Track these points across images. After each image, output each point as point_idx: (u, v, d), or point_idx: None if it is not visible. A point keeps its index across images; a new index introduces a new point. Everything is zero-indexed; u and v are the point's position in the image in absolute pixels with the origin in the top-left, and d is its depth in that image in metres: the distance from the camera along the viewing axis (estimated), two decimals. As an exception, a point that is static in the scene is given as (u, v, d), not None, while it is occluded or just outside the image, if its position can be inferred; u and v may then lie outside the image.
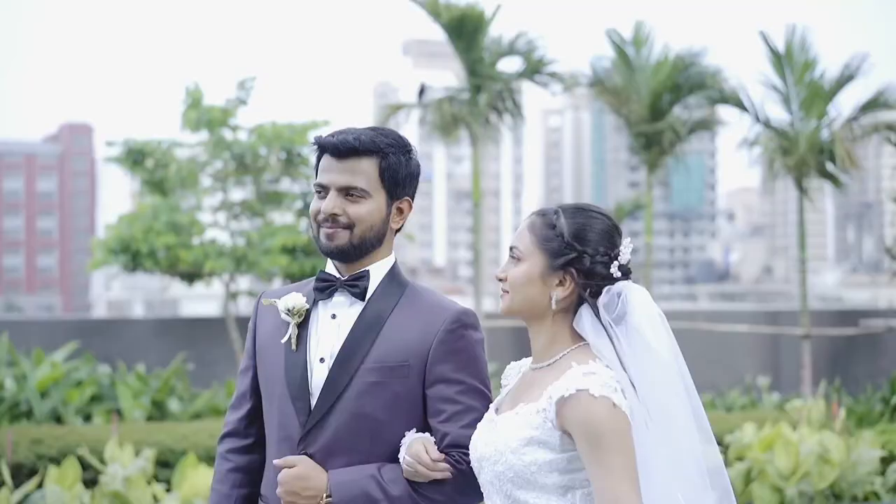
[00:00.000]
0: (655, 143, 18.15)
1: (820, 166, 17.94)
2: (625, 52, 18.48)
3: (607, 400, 2.83)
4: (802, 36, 18.18)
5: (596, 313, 2.96)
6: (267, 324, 3.40)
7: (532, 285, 3.01)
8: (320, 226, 3.27)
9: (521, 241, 3.06)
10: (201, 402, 15.04)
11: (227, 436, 3.48)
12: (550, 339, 3.03)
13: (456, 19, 17.41)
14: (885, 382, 17.81)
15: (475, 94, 17.91)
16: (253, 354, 3.44)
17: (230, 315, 16.87)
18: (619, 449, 2.81)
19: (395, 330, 3.22)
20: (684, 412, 2.94)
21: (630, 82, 18.23)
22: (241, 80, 16.67)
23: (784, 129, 18.21)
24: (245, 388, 3.44)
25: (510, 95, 18.17)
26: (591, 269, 2.96)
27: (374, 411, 3.18)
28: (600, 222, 3.01)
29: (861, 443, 12.52)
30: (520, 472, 2.92)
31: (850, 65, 18.35)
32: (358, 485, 3.13)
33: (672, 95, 18.28)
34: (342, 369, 3.20)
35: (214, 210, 16.98)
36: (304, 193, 17.09)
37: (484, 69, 17.79)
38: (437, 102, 18.05)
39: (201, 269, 16.37)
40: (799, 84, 18.05)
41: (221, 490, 3.41)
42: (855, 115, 18.03)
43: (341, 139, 3.23)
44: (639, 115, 17.98)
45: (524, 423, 2.94)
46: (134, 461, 10.66)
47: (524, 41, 17.94)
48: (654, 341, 2.93)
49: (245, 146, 16.22)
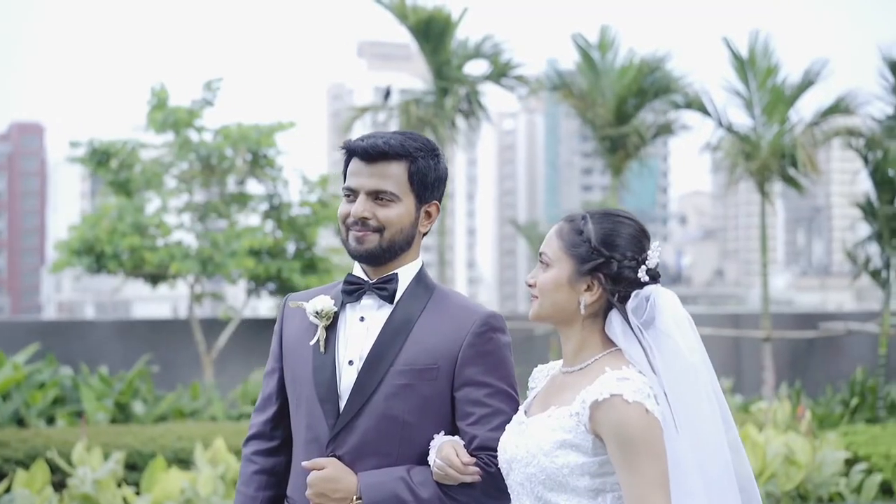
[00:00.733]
0: (620, 147, 18.24)
1: (782, 170, 18.10)
2: (590, 57, 18.56)
3: (640, 406, 2.86)
4: (765, 42, 18.34)
5: (625, 318, 2.99)
6: (294, 326, 3.41)
7: (560, 291, 3.04)
8: (349, 229, 3.29)
9: (549, 247, 3.09)
10: (166, 405, 14.95)
11: (252, 438, 3.49)
12: (581, 344, 3.06)
13: (423, 22, 17.42)
14: (844, 384, 18.02)
15: (441, 96, 17.93)
16: (280, 357, 3.45)
17: (195, 317, 16.77)
18: (650, 455, 2.83)
19: (424, 333, 3.24)
20: (713, 417, 2.96)
21: (596, 86, 18.31)
22: (207, 81, 16.57)
23: (747, 133, 18.36)
24: (271, 390, 3.45)
25: (476, 98, 18.21)
26: (619, 273, 2.99)
27: (403, 414, 3.19)
28: (628, 227, 3.04)
29: (826, 444, 12.66)
30: (551, 475, 2.94)
31: (810, 70, 18.53)
32: (388, 487, 3.14)
33: (637, 100, 18.37)
34: (371, 372, 3.21)
35: (179, 211, 16.87)
36: (270, 195, 17.02)
37: (451, 72, 17.81)
38: (403, 105, 18.04)
39: (166, 271, 16.26)
40: (761, 89, 18.20)
41: (247, 492, 3.42)
42: (816, 121, 18.21)
43: (371, 143, 3.24)
44: (604, 119, 18.06)
45: (557, 426, 2.96)
46: (103, 464, 10.60)
47: (490, 44, 17.99)
48: (683, 345, 2.96)
49: (211, 147, 16.13)
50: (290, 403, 3.38)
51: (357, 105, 19.64)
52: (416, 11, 17.49)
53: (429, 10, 17.58)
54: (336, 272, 17.28)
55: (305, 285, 16.62)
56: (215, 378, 16.87)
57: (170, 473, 10.32)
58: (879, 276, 17.81)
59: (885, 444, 12.86)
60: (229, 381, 17.09)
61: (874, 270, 17.86)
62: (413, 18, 17.41)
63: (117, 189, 16.42)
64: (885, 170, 17.49)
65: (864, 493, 12.23)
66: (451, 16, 17.64)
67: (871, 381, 17.13)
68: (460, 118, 18.26)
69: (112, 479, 10.33)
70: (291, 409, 3.37)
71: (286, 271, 16.48)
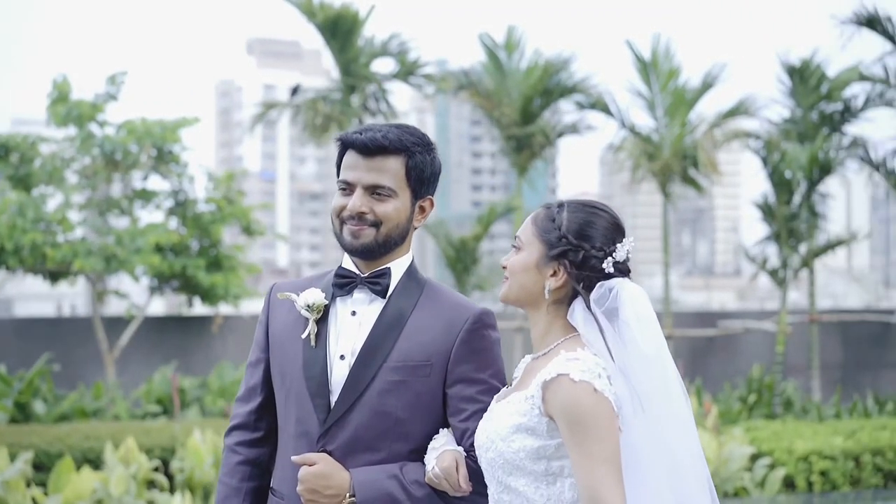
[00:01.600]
0: (526, 147, 18.37)
1: (683, 171, 18.41)
2: (497, 57, 18.66)
3: (588, 385, 2.85)
4: (667, 45, 18.65)
5: (588, 306, 3.00)
6: (281, 317, 3.36)
7: (527, 273, 3.07)
8: (344, 223, 3.25)
9: (523, 230, 3.13)
10: (68, 404, 14.66)
11: (235, 428, 3.42)
12: (546, 329, 3.08)
13: (331, 19, 17.31)
14: (741, 381, 18.40)
15: (348, 94, 17.85)
16: (265, 347, 3.39)
17: (97, 315, 16.47)
18: (598, 433, 2.83)
19: (417, 329, 3.22)
20: (667, 410, 2.96)
21: (502, 86, 18.41)
22: (110, 75, 16.25)
23: (649, 134, 18.63)
24: (256, 381, 3.40)
25: (384, 96, 18.17)
26: (584, 262, 3.01)
27: (396, 410, 3.17)
28: (602, 219, 3.06)
29: (731, 440, 12.92)
30: (509, 459, 2.95)
31: (710, 73, 18.89)
32: (381, 485, 3.12)
33: (542, 100, 18.52)
34: (364, 367, 3.18)
35: (81, 207, 16.52)
36: (175, 192, 16.78)
37: (358, 69, 17.74)
38: (309, 102, 17.92)
39: (69, 267, 15.93)
40: (663, 91, 18.50)
41: (231, 483, 3.36)
42: (717, 123, 18.56)
43: (370, 137, 3.21)
44: (510, 119, 18.17)
45: (513, 411, 2.97)
46: (11, 465, 10.36)
47: (397, 42, 17.95)
48: (641, 339, 2.96)
49: (116, 142, 15.82)
50: (278, 396, 3.33)
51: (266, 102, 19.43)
52: (324, 9, 17.37)
53: (336, 7, 17.48)
54: (241, 270, 17.12)
55: (210, 283, 16.42)
56: (118, 377, 16.59)
57: (81, 473, 10.13)
58: (777, 276, 18.23)
59: (787, 440, 13.17)
60: (132, 379, 16.82)
61: (772, 270, 18.28)
62: (321, 16, 17.30)
63: (16, 184, 16.02)
64: (783, 171, 17.90)
65: (768, 487, 12.50)
66: (359, 14, 17.57)
67: (768, 378, 17.52)
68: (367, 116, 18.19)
69: (21, 480, 10.10)
70: (279, 401, 3.32)
71: (191, 269, 16.27)
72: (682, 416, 3.00)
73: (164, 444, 11.42)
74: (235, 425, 3.42)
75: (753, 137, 18.54)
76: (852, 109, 19.06)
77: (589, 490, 2.81)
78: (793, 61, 18.86)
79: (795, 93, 18.89)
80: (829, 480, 12.83)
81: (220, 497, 3.37)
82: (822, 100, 18.93)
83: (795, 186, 18.02)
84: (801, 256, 18.50)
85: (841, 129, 19.11)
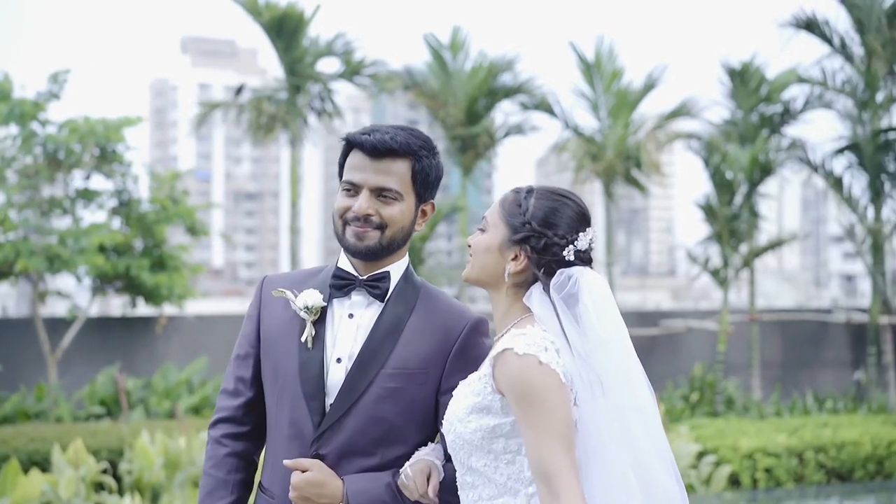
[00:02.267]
0: (471, 147, 18.42)
1: (626, 172, 18.56)
2: (442, 57, 18.68)
3: (532, 357, 2.85)
4: (610, 47, 18.79)
5: (546, 291, 2.99)
6: (275, 314, 3.31)
7: (489, 254, 3.06)
8: (348, 224, 3.21)
9: (491, 212, 3.12)
10: (10, 406, 14.48)
11: (222, 421, 3.36)
12: (505, 312, 3.07)
13: (277, 19, 17.22)
14: (684, 380, 18.59)
15: (294, 93, 17.78)
16: (256, 343, 3.34)
17: (38, 315, 16.26)
18: (545, 406, 2.81)
19: (415, 335, 3.21)
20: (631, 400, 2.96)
21: (447, 86, 18.44)
22: (53, 73, 16.04)
23: (592, 135, 18.76)
24: (247, 376, 3.34)
25: (329, 96, 18.12)
26: (546, 249, 3.00)
27: (391, 416, 3.16)
28: (568, 208, 3.05)
29: (677, 437, 13.05)
30: (468, 440, 2.95)
31: (652, 75, 19.08)
32: (375, 493, 3.11)
33: (488, 100, 18.58)
34: (362, 372, 3.16)
35: (21, 207, 16.28)
36: (118, 191, 16.61)
37: (304, 69, 17.67)
38: (254, 101, 17.82)
39: (12, 267, 15.70)
40: (607, 92, 18.64)
41: (218, 475, 3.31)
42: (660, 124, 18.74)
43: (379, 139, 3.17)
44: (455, 119, 18.20)
45: (469, 391, 2.97)
46: (-44, 467, 10.22)
47: (342, 42, 17.90)
48: (599, 324, 2.95)
49: (59, 141, 15.62)
50: (269, 394, 3.29)
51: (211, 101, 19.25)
52: (270, 8, 17.28)
53: (282, 7, 17.40)
54: (185, 270, 16.98)
55: (154, 283, 16.28)
56: (60, 378, 16.39)
57: (29, 476, 10.00)
58: (718, 275, 18.43)
59: (731, 437, 13.33)
60: (75, 381, 16.63)
61: (714, 270, 18.48)
62: (267, 15, 17.20)
63: (-45, 183, 15.78)
64: (724, 172, 18.11)
65: (714, 484, 12.65)
66: (305, 13, 17.49)
67: (710, 376, 17.72)
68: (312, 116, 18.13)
69: (-32, 483, 9.96)
70: (270, 400, 3.28)
71: (134, 269, 16.11)
72: (644, 404, 2.99)
73: (111, 446, 11.30)
74: (222, 418, 3.36)
75: (695, 139, 18.74)
76: (791, 111, 19.35)
77: (537, 463, 2.80)
78: (733, 64, 19.10)
79: (736, 95, 19.14)
80: (774, 477, 13.01)
81: (208, 489, 3.31)
82: (761, 102, 19.20)
83: (736, 187, 18.24)
84: (741, 256, 18.73)
85: (780, 130, 19.39)
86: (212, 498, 3.30)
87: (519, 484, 2.95)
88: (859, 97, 18.83)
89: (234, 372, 3.37)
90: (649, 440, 2.97)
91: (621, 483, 2.91)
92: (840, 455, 13.47)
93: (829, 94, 19.14)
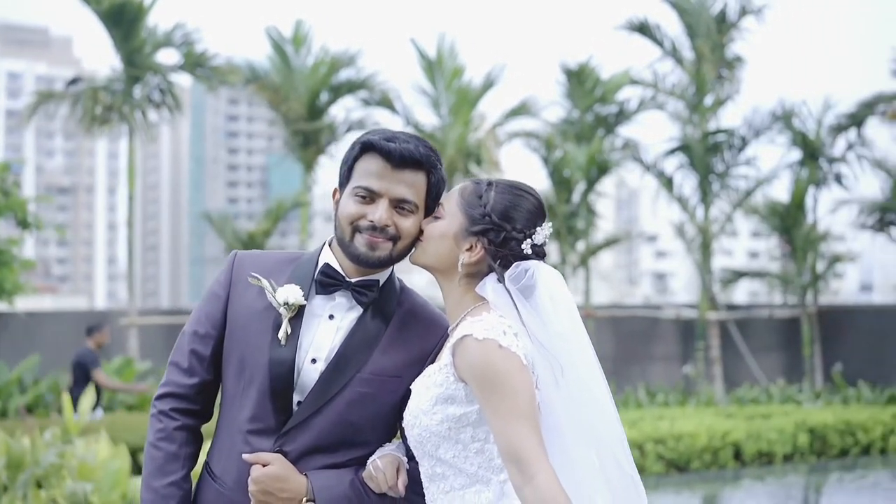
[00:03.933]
0: (313, 142, 18.31)
1: (466, 169, 18.74)
2: (284, 51, 18.52)
3: (492, 342, 2.86)
4: (452, 45, 18.94)
5: (502, 281, 3.00)
6: (246, 300, 3.19)
7: (444, 241, 3.06)
8: (360, 231, 3.11)
9: (448, 200, 3.11)
10: None
11: (171, 395, 3.22)
12: (457, 301, 3.07)
13: (115, 8, 16.76)
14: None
15: (131, 84, 17.35)
16: (220, 325, 3.21)
17: None
18: (507, 390, 2.83)
19: (394, 343, 3.16)
20: (588, 393, 2.99)
21: (289, 80, 18.29)
22: None
23: (433, 132, 18.88)
24: (205, 355, 3.21)
25: (169, 88, 17.74)
26: (504, 242, 3.01)
27: (360, 420, 3.12)
28: (527, 202, 3.07)
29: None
30: (435, 432, 2.95)
31: (491, 73, 19.31)
32: (340, 489, 3.08)
33: (330, 95, 18.51)
34: (337, 374, 3.10)
35: None
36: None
37: (142, 60, 17.26)
38: (89, 91, 17.30)
39: None
40: (448, 90, 18.78)
41: (169, 448, 3.18)
42: (501, 122, 18.99)
43: (405, 149, 3.08)
44: (297, 113, 18.07)
45: (431, 383, 2.97)
46: None
47: (182, 33, 17.55)
48: (556, 317, 2.98)
49: None
50: (230, 383, 3.18)
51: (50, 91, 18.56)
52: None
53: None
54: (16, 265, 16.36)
55: (-16, 278, 15.66)
56: None
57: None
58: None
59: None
60: None
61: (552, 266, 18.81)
62: (105, 3, 16.73)
63: None
64: (562, 171, 18.47)
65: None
66: (144, 2, 17.08)
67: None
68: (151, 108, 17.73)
69: None
70: (231, 390, 3.17)
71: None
72: (600, 396, 3.02)
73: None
74: (172, 393, 3.22)
75: (534, 137, 19.05)
76: (626, 112, 19.85)
77: (507, 447, 2.80)
78: (570, 65, 19.48)
79: (573, 95, 19.54)
80: (616, 469, 13.33)
81: (157, 463, 3.17)
82: (597, 102, 19.64)
83: (574, 185, 18.61)
84: (578, 254, 19.13)
85: (615, 131, 19.87)
86: (163, 472, 3.18)
87: (490, 472, 2.96)
88: (690, 100, 19.45)
89: (190, 347, 3.22)
90: (609, 430, 3.01)
91: (585, 466, 2.94)
92: (678, 446, 13.89)
93: (662, 96, 19.70)
